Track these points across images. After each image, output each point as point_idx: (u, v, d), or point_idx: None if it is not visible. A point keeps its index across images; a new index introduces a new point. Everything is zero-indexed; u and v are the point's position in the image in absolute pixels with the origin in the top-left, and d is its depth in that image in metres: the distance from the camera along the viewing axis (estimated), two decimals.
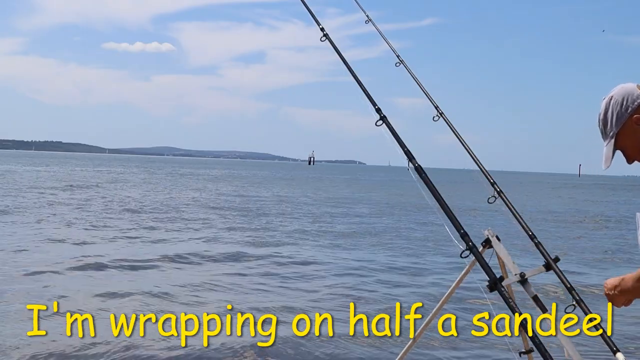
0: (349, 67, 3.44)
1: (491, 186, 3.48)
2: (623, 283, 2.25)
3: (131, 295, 8.26)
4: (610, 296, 2.32)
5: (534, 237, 3.22)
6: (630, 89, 2.16)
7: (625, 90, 2.16)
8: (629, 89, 2.16)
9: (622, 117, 2.14)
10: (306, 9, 3.80)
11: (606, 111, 2.18)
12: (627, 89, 2.16)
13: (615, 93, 2.18)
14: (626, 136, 2.15)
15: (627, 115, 2.13)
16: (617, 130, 2.15)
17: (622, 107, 2.14)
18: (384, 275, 10.46)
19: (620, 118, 2.14)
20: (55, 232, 14.18)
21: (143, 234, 14.64)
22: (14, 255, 10.78)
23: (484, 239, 3.14)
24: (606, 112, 2.18)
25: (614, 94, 2.18)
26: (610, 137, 2.17)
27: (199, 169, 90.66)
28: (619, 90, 2.18)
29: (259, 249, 13.05)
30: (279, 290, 9.00)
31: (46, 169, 57.74)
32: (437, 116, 3.92)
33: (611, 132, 2.17)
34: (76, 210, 19.16)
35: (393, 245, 14.40)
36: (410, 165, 2.81)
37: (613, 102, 2.16)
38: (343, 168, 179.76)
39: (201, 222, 17.79)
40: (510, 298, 2.28)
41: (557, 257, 3.05)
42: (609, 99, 2.18)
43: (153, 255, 11.55)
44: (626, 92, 2.15)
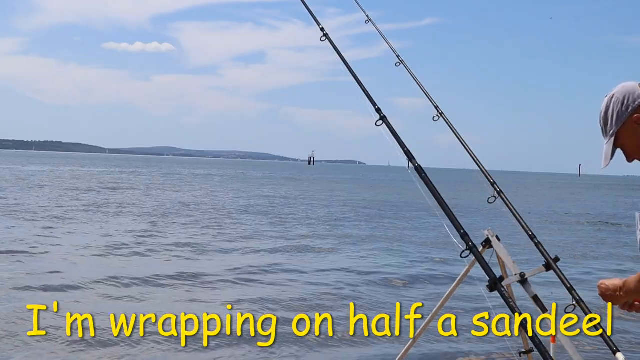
0: (349, 67, 3.44)
1: (491, 186, 3.48)
2: (627, 284, 2.24)
3: (131, 294, 8.26)
4: (611, 297, 2.31)
5: (534, 237, 3.22)
6: (631, 88, 2.16)
7: (627, 89, 2.17)
8: (630, 88, 2.17)
9: (622, 115, 2.15)
10: (306, 9, 3.80)
11: (607, 109, 2.19)
12: (628, 88, 2.17)
13: (616, 91, 2.19)
14: (626, 135, 2.15)
15: (627, 114, 2.14)
16: (617, 129, 2.16)
17: (623, 106, 2.14)
18: (384, 276, 10.46)
19: (620, 117, 2.15)
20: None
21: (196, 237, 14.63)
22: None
23: (484, 239, 3.14)
24: (607, 110, 2.19)
25: (615, 92, 2.19)
26: (610, 136, 2.18)
27: (210, 169, 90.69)
28: (620, 88, 2.18)
29: (264, 248, 13.05)
30: (279, 290, 8.99)
31: (70, 169, 57.80)
32: (437, 116, 3.92)
33: (611, 130, 2.18)
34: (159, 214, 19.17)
35: (392, 245, 14.40)
36: (410, 165, 2.80)
37: (614, 101, 2.17)
38: (344, 168, 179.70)
39: (219, 221, 17.78)
40: (510, 298, 2.28)
41: (557, 257, 3.05)
42: (610, 97, 2.19)
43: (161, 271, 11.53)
44: (627, 91, 2.16)
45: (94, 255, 11.21)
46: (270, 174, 73.53)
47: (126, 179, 44.61)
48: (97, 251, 11.68)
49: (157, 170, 72.19)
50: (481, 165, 3.68)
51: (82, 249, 11.82)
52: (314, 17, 3.73)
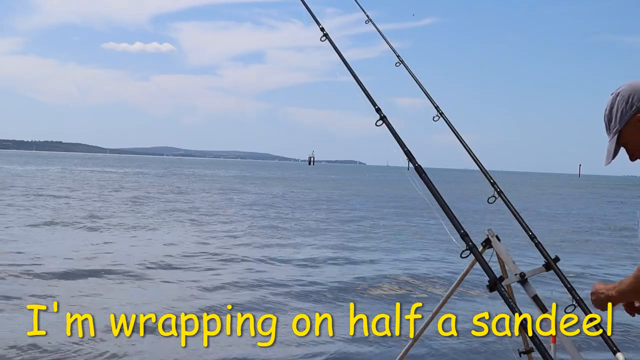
0: (349, 67, 3.42)
1: (491, 186, 3.47)
2: (621, 283, 2.23)
3: (130, 295, 8.26)
4: (606, 296, 2.27)
5: (534, 237, 3.22)
6: (637, 86, 2.16)
7: (633, 87, 2.17)
8: (636, 86, 2.17)
9: (626, 114, 2.15)
10: (306, 8, 3.78)
11: (612, 107, 2.19)
12: (634, 87, 2.17)
13: (622, 89, 2.19)
14: (629, 133, 2.16)
15: (631, 112, 2.14)
16: (621, 127, 2.16)
17: (627, 104, 2.14)
18: (384, 276, 10.45)
19: (624, 115, 2.15)
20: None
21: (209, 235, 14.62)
22: None
23: (484, 239, 3.14)
24: (612, 107, 2.19)
25: (621, 90, 2.19)
26: (614, 134, 2.18)
27: (216, 169, 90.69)
28: (626, 87, 2.18)
29: (265, 249, 13.05)
30: (279, 291, 8.99)
31: (92, 170, 58.03)
32: (437, 116, 3.91)
33: (615, 128, 2.18)
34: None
35: (392, 245, 14.39)
36: (411, 165, 2.79)
37: (619, 99, 2.17)
38: (344, 168, 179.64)
39: (225, 219, 17.79)
40: (510, 298, 2.27)
41: (557, 257, 3.05)
42: (616, 95, 2.19)
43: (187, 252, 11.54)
44: (633, 89, 2.16)
45: (94, 256, 11.21)
46: (287, 174, 73.52)
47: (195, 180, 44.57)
48: (95, 251, 11.68)
49: (180, 172, 72.11)
50: (481, 165, 3.67)
51: (80, 249, 11.83)
52: (314, 17, 3.71)
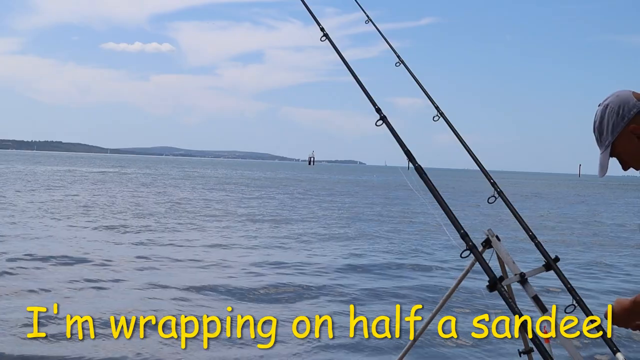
0: (349, 67, 3.41)
1: (491, 186, 3.47)
2: (636, 301, 2.12)
3: (129, 295, 8.25)
4: (623, 320, 2.17)
5: (534, 237, 3.21)
6: (626, 97, 2.11)
7: (621, 98, 2.11)
8: (624, 97, 2.11)
9: (618, 126, 2.10)
10: (306, 8, 3.77)
11: (602, 119, 2.14)
12: (622, 98, 2.11)
13: (610, 101, 2.13)
14: (622, 145, 2.11)
15: (623, 124, 2.09)
16: (613, 139, 2.12)
17: (618, 116, 2.09)
18: (384, 276, 10.45)
19: (616, 127, 2.10)
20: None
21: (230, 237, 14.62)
22: None
23: (484, 239, 3.13)
24: (602, 120, 2.14)
25: (609, 102, 2.14)
26: (606, 146, 2.13)
27: (222, 169, 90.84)
28: (614, 98, 2.13)
29: (266, 250, 13.05)
30: (279, 291, 8.98)
31: (118, 171, 58.26)
32: (437, 116, 3.90)
33: (606, 141, 2.13)
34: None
35: (391, 245, 14.39)
36: (410, 165, 2.78)
37: (609, 111, 2.11)
38: (344, 168, 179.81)
39: (225, 222, 17.78)
40: (510, 298, 2.26)
41: (557, 257, 3.04)
42: (605, 107, 2.14)
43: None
44: (622, 100, 2.11)
45: (93, 255, 11.20)
46: (293, 175, 73.62)
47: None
48: (95, 251, 11.67)
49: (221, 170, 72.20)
50: (481, 165, 3.66)
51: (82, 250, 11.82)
52: (313, 16, 3.70)
